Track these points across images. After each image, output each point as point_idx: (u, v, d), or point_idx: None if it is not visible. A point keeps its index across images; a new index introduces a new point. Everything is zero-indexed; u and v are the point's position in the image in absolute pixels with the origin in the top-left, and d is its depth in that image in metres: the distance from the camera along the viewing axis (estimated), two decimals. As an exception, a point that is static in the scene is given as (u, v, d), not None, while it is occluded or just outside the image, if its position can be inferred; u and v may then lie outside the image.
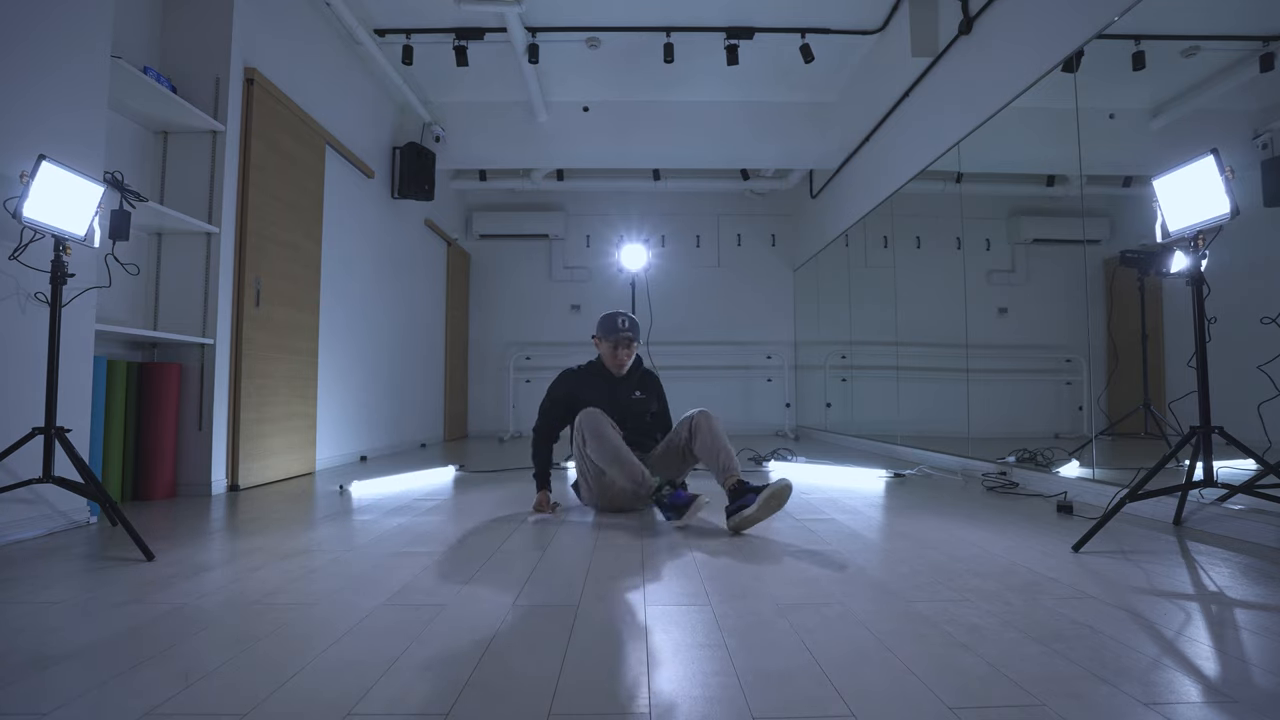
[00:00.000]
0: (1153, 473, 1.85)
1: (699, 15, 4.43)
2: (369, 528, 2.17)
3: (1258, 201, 2.24)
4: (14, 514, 1.97)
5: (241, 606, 1.36)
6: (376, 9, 4.29)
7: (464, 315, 7.04)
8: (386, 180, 5.02)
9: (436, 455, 4.86)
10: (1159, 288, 2.82)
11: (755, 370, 7.09)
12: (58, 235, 1.81)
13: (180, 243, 2.95)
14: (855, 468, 3.50)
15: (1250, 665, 1.05)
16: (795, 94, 5.48)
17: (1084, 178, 2.86)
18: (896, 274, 4.67)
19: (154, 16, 2.96)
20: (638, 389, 2.56)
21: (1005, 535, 2.03)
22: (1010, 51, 3.24)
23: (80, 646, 1.14)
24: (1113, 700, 0.93)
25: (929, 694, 0.95)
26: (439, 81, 5.19)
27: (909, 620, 1.26)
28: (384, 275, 4.96)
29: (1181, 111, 2.63)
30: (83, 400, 2.25)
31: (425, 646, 1.13)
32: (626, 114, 5.59)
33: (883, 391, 4.88)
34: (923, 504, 2.62)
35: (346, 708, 0.91)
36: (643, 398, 2.54)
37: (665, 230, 7.24)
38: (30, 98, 2.05)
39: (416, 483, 3.29)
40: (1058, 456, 2.97)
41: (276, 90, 3.35)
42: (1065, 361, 3.32)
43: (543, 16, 4.39)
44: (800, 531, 2.10)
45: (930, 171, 4.02)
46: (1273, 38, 2.23)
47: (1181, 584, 1.51)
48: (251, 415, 3.15)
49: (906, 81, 4.22)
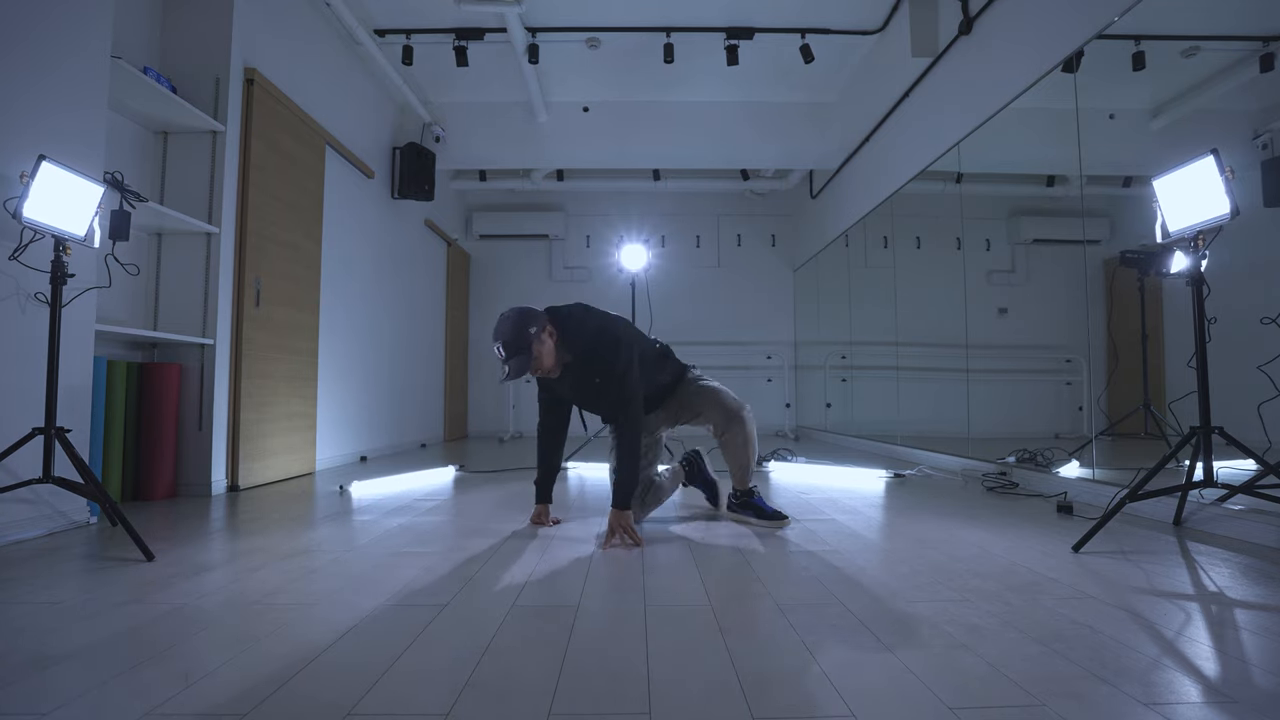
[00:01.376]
0: (1153, 473, 1.85)
1: (699, 15, 4.43)
2: (369, 528, 2.17)
3: (1258, 202, 2.24)
4: (14, 514, 1.97)
5: (241, 606, 1.36)
6: (376, 9, 4.29)
7: (464, 315, 7.04)
8: (386, 180, 5.02)
9: (436, 455, 4.86)
10: (1159, 288, 2.82)
11: (755, 370, 7.09)
12: (58, 235, 1.81)
13: (180, 243, 2.95)
14: (855, 468, 3.50)
15: (1250, 665, 1.05)
16: (795, 94, 5.48)
17: (1084, 178, 2.86)
18: (896, 274, 4.67)
19: (154, 16, 2.96)
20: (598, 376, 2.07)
21: (1005, 535, 2.03)
22: (1010, 51, 3.24)
23: (80, 646, 1.14)
24: (1113, 700, 0.93)
25: (929, 694, 0.95)
26: (439, 81, 5.19)
27: (909, 620, 1.26)
28: (384, 275, 4.96)
29: (1181, 111, 2.63)
30: (83, 400, 2.25)
31: (425, 646, 1.13)
32: (626, 114, 5.59)
33: (883, 392, 4.88)
34: (923, 504, 2.62)
35: (346, 708, 0.91)
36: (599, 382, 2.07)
37: (665, 230, 7.24)
38: (30, 98, 2.05)
39: (416, 483, 3.29)
40: (1058, 457, 2.97)
41: (276, 90, 3.36)
42: (1065, 362, 3.32)
43: (543, 16, 4.39)
44: (800, 531, 2.10)
45: (930, 171, 4.02)
46: (1273, 38, 2.23)
47: (1181, 584, 1.51)
48: (251, 415, 3.15)
49: (906, 82, 4.22)
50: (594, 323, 2.08)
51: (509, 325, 1.97)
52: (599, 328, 2.07)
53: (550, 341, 2.02)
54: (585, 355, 2.04)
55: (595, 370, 2.04)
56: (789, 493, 2.91)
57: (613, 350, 2.02)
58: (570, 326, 2.06)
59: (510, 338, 1.95)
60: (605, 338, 2.04)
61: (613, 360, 2.01)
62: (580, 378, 2.08)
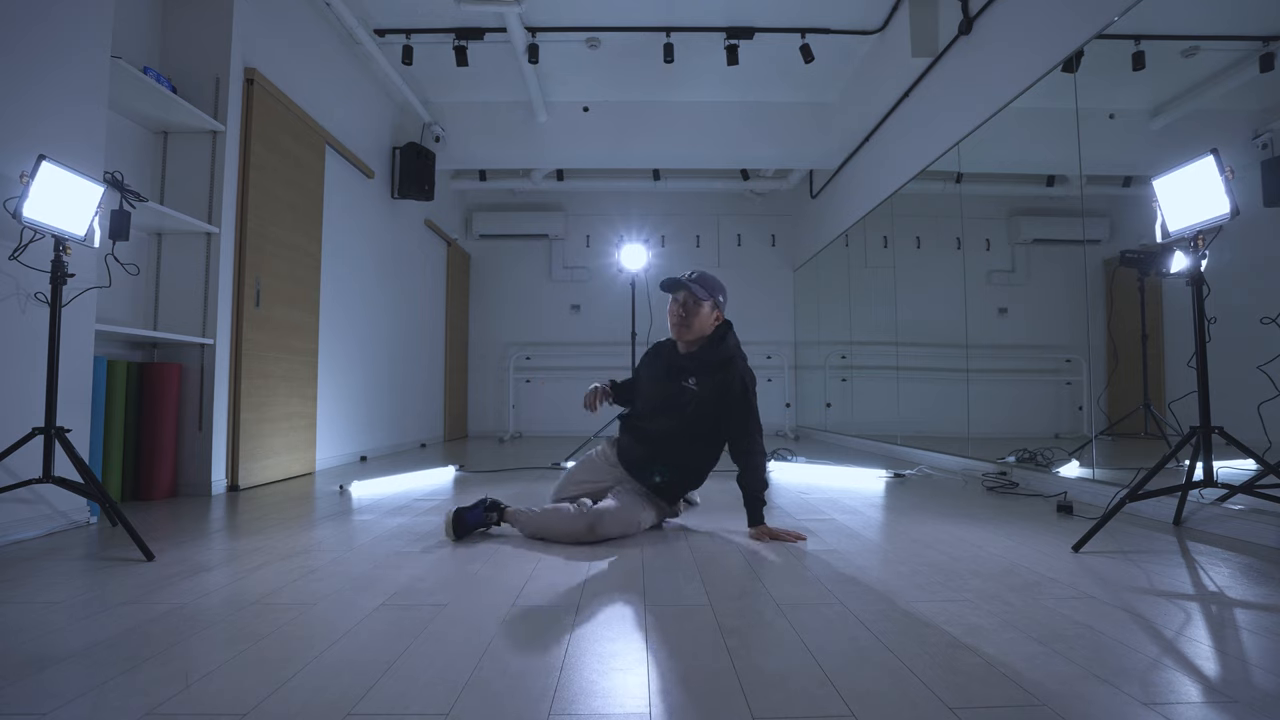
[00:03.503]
0: (1153, 473, 1.85)
1: (699, 15, 4.43)
2: (369, 528, 2.17)
3: (1258, 201, 2.24)
4: (14, 514, 1.97)
5: (241, 606, 1.35)
6: (376, 9, 4.29)
7: (464, 315, 7.05)
8: (386, 180, 5.02)
9: (436, 455, 4.86)
10: (1159, 288, 2.82)
11: (755, 370, 7.06)
12: (58, 235, 1.81)
13: (180, 243, 2.95)
14: (855, 468, 3.50)
15: (1250, 665, 1.05)
16: (795, 94, 5.48)
17: (1084, 178, 2.86)
18: (896, 274, 4.67)
19: (154, 16, 2.96)
20: (694, 377, 2.07)
21: (1005, 535, 2.03)
22: (1010, 52, 3.24)
23: (80, 646, 1.14)
24: (1113, 700, 0.93)
25: (929, 694, 0.95)
26: (439, 81, 5.19)
27: (909, 620, 1.26)
28: (384, 275, 4.96)
29: (1181, 111, 2.63)
30: (83, 400, 2.25)
31: (425, 646, 1.13)
32: (626, 114, 5.59)
33: (883, 392, 4.88)
34: (923, 504, 2.62)
35: (346, 708, 0.91)
36: (694, 389, 2.06)
37: (665, 230, 7.24)
38: (30, 98, 2.05)
39: (416, 483, 3.29)
40: (1058, 456, 2.97)
41: (276, 90, 3.35)
42: (1065, 361, 3.32)
43: (543, 16, 4.39)
44: (800, 531, 2.09)
45: (930, 171, 4.02)
46: (1273, 38, 2.23)
47: (1181, 584, 1.51)
48: (251, 415, 3.15)
49: (906, 81, 4.22)
50: (738, 349, 2.15)
51: (716, 276, 2.15)
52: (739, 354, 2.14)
53: (713, 316, 2.12)
54: (708, 360, 2.08)
55: (703, 378, 2.06)
56: (789, 492, 2.91)
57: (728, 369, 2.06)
58: (724, 334, 2.13)
59: (709, 279, 2.12)
60: (737, 361, 2.10)
61: (727, 380, 2.05)
62: (676, 375, 2.11)
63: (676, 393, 2.08)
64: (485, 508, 2.03)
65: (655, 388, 2.17)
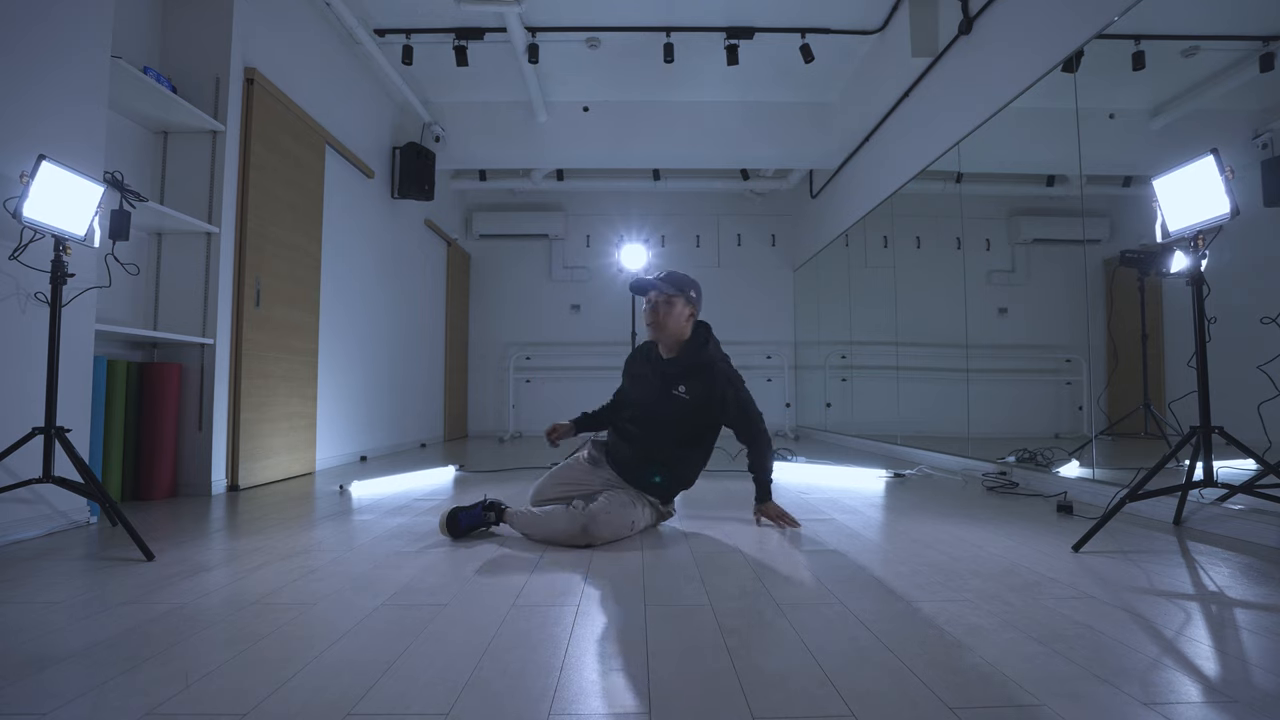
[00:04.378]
0: (1153, 473, 1.85)
1: (699, 15, 4.43)
2: (369, 528, 2.17)
3: (1258, 201, 2.24)
4: (14, 514, 1.97)
5: (241, 606, 1.35)
6: (376, 9, 4.29)
7: (464, 315, 7.04)
8: (386, 180, 5.02)
9: (436, 455, 4.86)
10: (1159, 288, 2.82)
11: (755, 370, 7.08)
12: (58, 235, 1.81)
13: (180, 243, 2.95)
14: (855, 468, 3.50)
15: (1250, 665, 1.05)
16: (795, 94, 5.48)
17: (1084, 178, 2.86)
18: (896, 274, 4.67)
19: (154, 16, 2.96)
20: (684, 384, 2.06)
21: (1005, 535, 2.03)
22: (1010, 51, 3.24)
23: (80, 646, 1.14)
24: (1113, 700, 0.93)
25: (929, 694, 0.95)
26: (439, 81, 5.19)
27: (909, 620, 1.26)
28: (384, 275, 4.96)
29: (1181, 111, 2.63)
30: (83, 400, 2.25)
31: (425, 646, 1.13)
32: (626, 114, 5.59)
33: (883, 391, 4.88)
34: (923, 504, 2.62)
35: (346, 708, 0.91)
36: (685, 398, 2.06)
37: (665, 230, 7.24)
38: (30, 98, 2.05)
39: (416, 483, 3.29)
40: (1058, 456, 2.97)
41: (276, 90, 3.35)
42: (1065, 361, 3.32)
43: (543, 16, 4.39)
44: (800, 531, 2.10)
45: (930, 171, 4.02)
46: (1273, 38, 2.23)
47: (1181, 584, 1.51)
48: (251, 415, 3.15)
49: (906, 81, 4.22)
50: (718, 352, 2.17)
51: (682, 273, 2.17)
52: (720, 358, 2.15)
53: (687, 313, 2.12)
54: (691, 365, 2.10)
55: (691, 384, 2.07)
56: (789, 492, 2.91)
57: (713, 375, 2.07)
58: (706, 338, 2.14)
59: (677, 275, 2.15)
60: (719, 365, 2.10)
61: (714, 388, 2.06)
62: (665, 383, 2.11)
63: (667, 400, 2.10)
64: (484, 507, 2.03)
65: (645, 393, 2.18)
